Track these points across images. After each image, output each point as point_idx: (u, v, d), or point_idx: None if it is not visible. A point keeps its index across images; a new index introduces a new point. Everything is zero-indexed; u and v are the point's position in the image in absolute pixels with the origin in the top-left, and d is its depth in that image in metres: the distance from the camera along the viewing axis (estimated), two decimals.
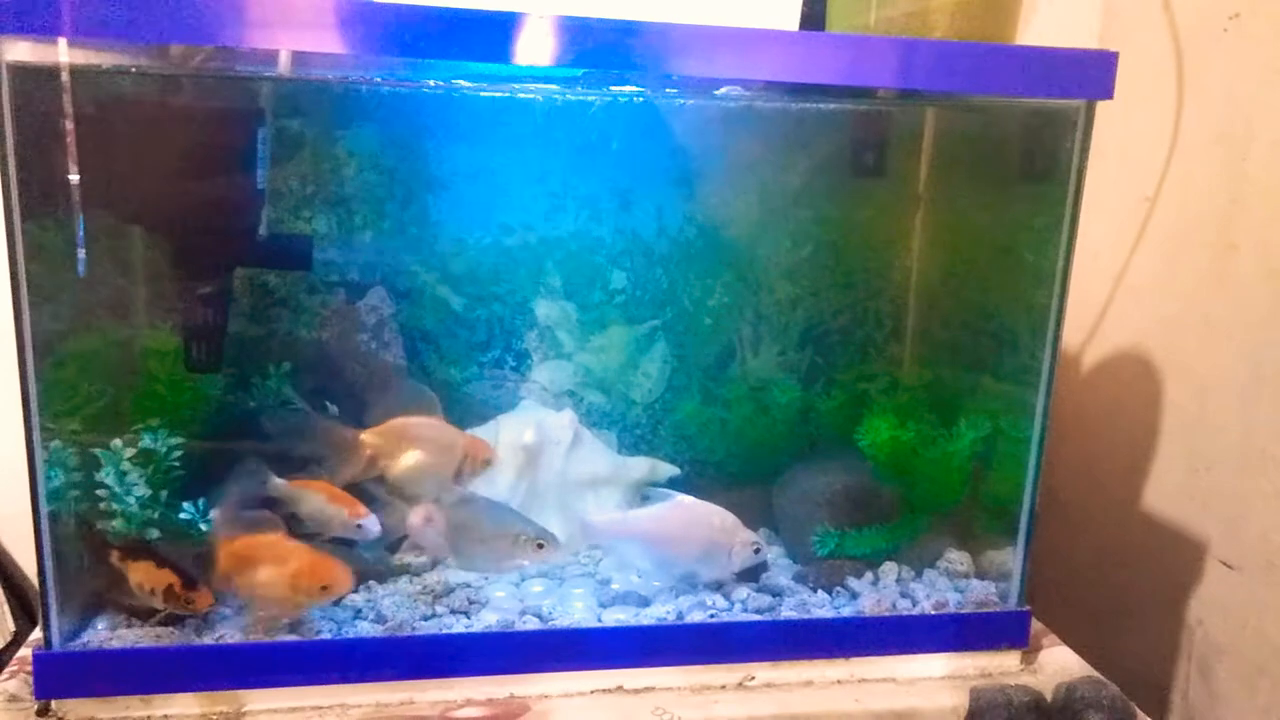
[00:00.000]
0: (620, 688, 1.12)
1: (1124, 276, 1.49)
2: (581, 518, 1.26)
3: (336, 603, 1.14)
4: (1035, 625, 1.24)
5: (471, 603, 1.18)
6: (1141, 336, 1.47)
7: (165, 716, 1.04)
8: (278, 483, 1.14)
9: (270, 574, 1.07)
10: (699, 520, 1.22)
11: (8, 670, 1.10)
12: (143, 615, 1.10)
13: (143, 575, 1.08)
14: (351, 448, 1.16)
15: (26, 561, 1.50)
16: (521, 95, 1.29)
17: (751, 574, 1.24)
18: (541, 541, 1.13)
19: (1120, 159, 1.48)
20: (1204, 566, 1.35)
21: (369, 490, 1.17)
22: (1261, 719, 1.26)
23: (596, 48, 1.00)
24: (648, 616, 1.17)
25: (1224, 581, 1.32)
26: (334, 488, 1.16)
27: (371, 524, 1.14)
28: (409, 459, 1.17)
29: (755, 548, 1.21)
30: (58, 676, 1.03)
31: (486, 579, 1.23)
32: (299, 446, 1.17)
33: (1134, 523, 1.47)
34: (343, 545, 1.15)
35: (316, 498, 1.15)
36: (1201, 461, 1.35)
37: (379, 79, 1.28)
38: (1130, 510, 1.48)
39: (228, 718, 1.04)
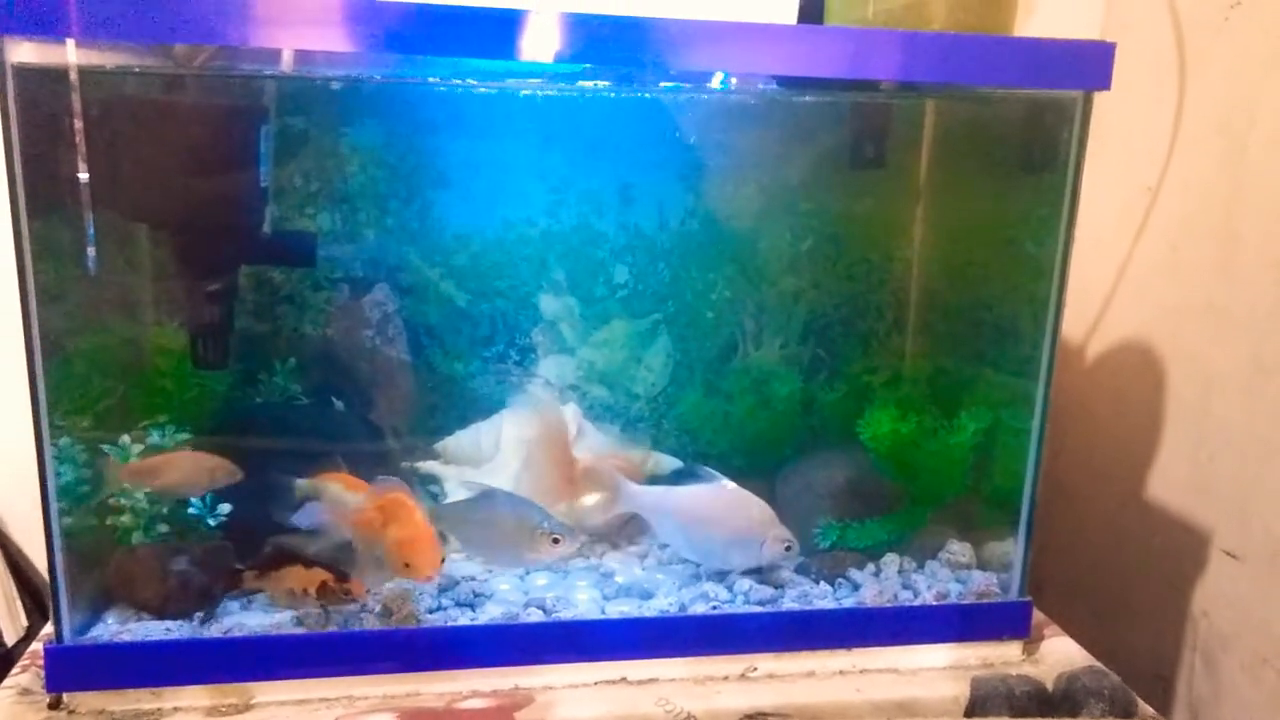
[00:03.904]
0: (624, 679, 1.13)
1: (1127, 267, 1.49)
2: (620, 479, 1.24)
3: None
4: (1037, 616, 1.24)
5: (476, 595, 1.19)
6: (1145, 326, 1.46)
7: (175, 709, 1.05)
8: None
9: (392, 534, 1.08)
10: (737, 508, 1.21)
11: (20, 664, 1.11)
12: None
13: (294, 580, 1.09)
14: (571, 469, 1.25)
15: (39, 557, 1.51)
16: (523, 91, 1.30)
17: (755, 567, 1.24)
18: (557, 536, 1.13)
19: (1122, 149, 1.48)
20: (1208, 557, 1.35)
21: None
22: (1266, 710, 1.26)
23: (597, 43, 1.01)
24: (651, 609, 1.18)
25: (1228, 572, 1.32)
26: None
27: None
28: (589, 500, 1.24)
29: (787, 545, 1.21)
30: (69, 670, 1.04)
31: (491, 571, 1.25)
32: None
33: (1138, 513, 1.47)
34: None
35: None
36: (1205, 452, 1.35)
37: (381, 76, 1.29)
38: (1134, 501, 1.48)
39: (237, 709, 1.05)
